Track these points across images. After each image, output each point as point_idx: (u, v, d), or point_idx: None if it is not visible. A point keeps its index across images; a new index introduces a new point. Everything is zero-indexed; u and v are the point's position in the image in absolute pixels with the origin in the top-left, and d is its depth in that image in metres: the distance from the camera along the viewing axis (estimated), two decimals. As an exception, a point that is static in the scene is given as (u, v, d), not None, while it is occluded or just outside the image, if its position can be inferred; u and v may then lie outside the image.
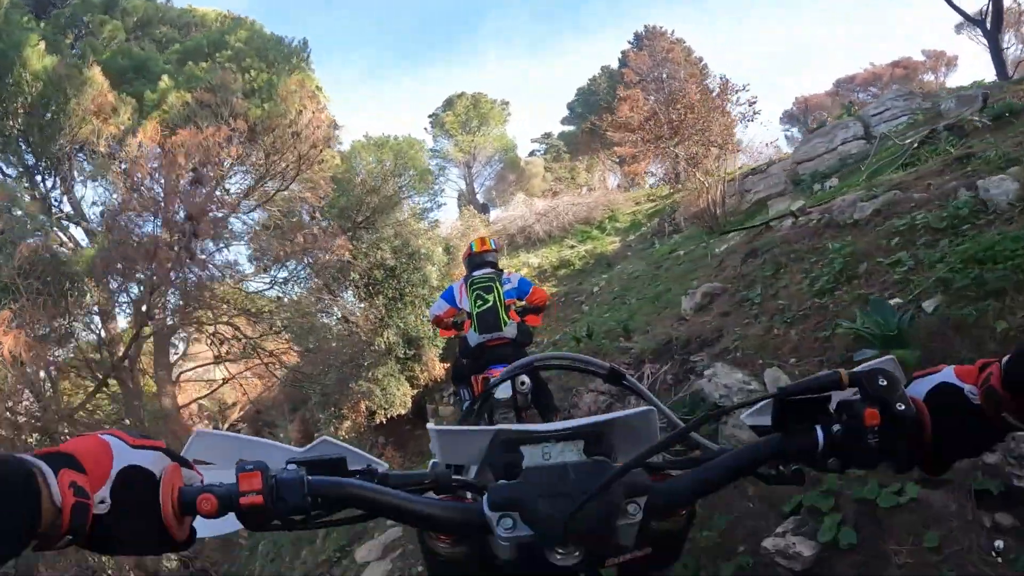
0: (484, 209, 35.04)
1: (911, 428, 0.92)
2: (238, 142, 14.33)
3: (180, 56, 16.55)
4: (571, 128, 46.58)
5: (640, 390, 1.32)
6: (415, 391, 21.65)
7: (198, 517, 0.88)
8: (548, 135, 48.34)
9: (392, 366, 21.09)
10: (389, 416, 21.31)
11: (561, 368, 1.48)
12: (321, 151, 15.14)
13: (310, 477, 0.91)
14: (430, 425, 1.08)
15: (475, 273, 6.17)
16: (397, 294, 21.29)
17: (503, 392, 5.32)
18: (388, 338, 20.91)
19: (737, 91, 17.14)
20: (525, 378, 5.22)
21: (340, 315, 20.82)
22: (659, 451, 0.94)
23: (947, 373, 0.98)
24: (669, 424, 1.22)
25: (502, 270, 6.36)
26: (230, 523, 0.90)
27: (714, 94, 17.29)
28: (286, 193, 17.33)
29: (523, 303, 6.24)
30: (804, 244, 7.67)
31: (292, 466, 0.93)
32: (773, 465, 1.02)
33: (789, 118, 52.44)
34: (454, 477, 1.04)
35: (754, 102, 17.14)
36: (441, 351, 21.88)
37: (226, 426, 29.29)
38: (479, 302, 5.91)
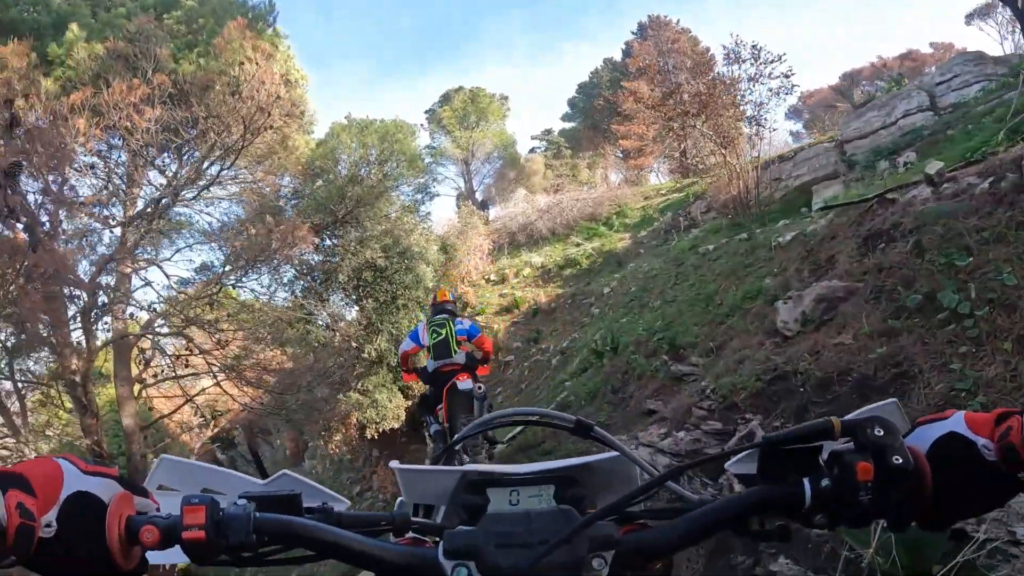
0: (483, 206, 33.01)
1: (908, 483, 0.81)
2: (159, 103, 12.04)
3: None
4: (572, 125, 44.86)
5: (612, 442, 1.11)
6: (409, 402, 19.64)
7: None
8: (548, 132, 46.57)
9: (384, 376, 19.13)
10: (381, 430, 19.32)
11: (526, 424, 1.40)
12: (270, 115, 12.75)
13: (258, 514, 0.85)
14: (394, 464, 1.07)
15: (435, 316, 7.78)
16: (389, 297, 19.31)
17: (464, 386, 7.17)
18: (379, 345, 18.94)
19: (771, 61, 15.08)
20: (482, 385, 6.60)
21: (327, 321, 18.62)
22: (628, 503, 0.89)
23: (957, 421, 0.86)
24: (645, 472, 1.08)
25: (456, 315, 7.96)
26: (178, 554, 0.84)
27: (744, 63, 15.27)
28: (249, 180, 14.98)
29: (471, 345, 7.57)
30: (993, 219, 5.31)
31: (242, 501, 0.86)
32: (757, 519, 0.91)
33: (794, 113, 50.73)
34: (413, 519, 0.98)
35: (791, 75, 15.09)
36: (438, 358, 19.84)
37: (212, 432, 27.48)
38: (434, 335, 7.47)
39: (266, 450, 31.97)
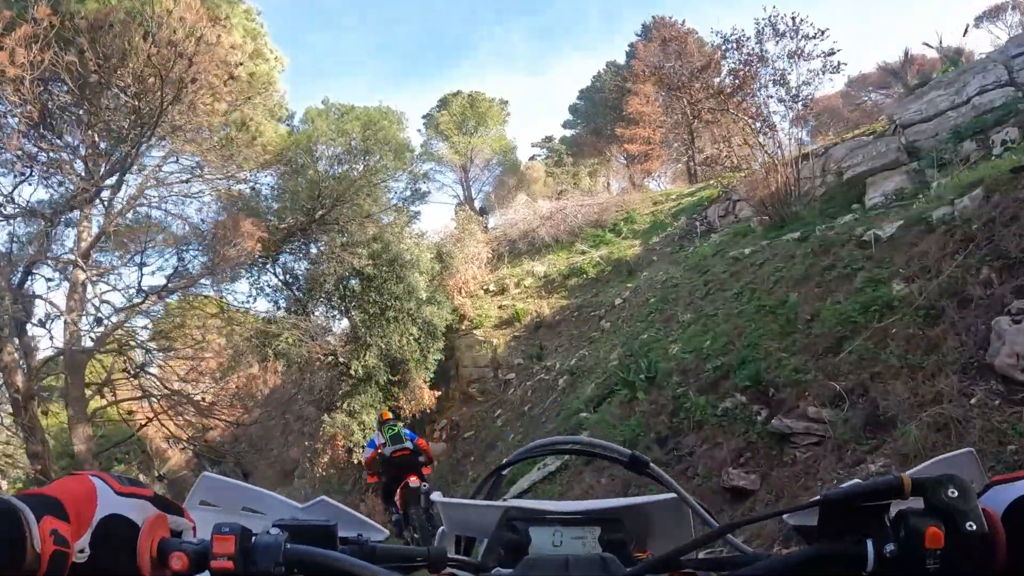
0: (482, 214, 30.98)
1: (981, 550, 0.73)
2: (42, 46, 9.69)
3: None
4: (573, 132, 42.94)
5: (667, 480, 1.06)
6: (400, 424, 17.55)
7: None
8: (549, 139, 44.73)
9: (373, 394, 17.16)
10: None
11: (578, 453, 1.27)
12: (192, 63, 10.33)
13: (289, 544, 0.81)
14: (436, 495, 1.05)
15: (384, 425, 9.87)
16: (378, 309, 17.31)
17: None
18: (367, 361, 16.92)
19: (813, 37, 13.05)
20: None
21: (307, 335, 16.56)
22: (681, 556, 0.81)
23: None
24: (699, 519, 1.05)
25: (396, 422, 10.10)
26: None
27: (782, 39, 13.17)
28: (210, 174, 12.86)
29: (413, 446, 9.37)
30: None
31: (275, 530, 0.83)
32: None
33: (799, 120, 48.67)
34: (449, 556, 0.93)
35: (833, 52, 13.09)
36: (432, 375, 17.82)
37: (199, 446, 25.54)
38: (389, 432, 9.55)
39: (259, 463, 30.20)
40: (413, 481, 8.87)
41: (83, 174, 11.77)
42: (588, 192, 31.46)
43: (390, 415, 10.56)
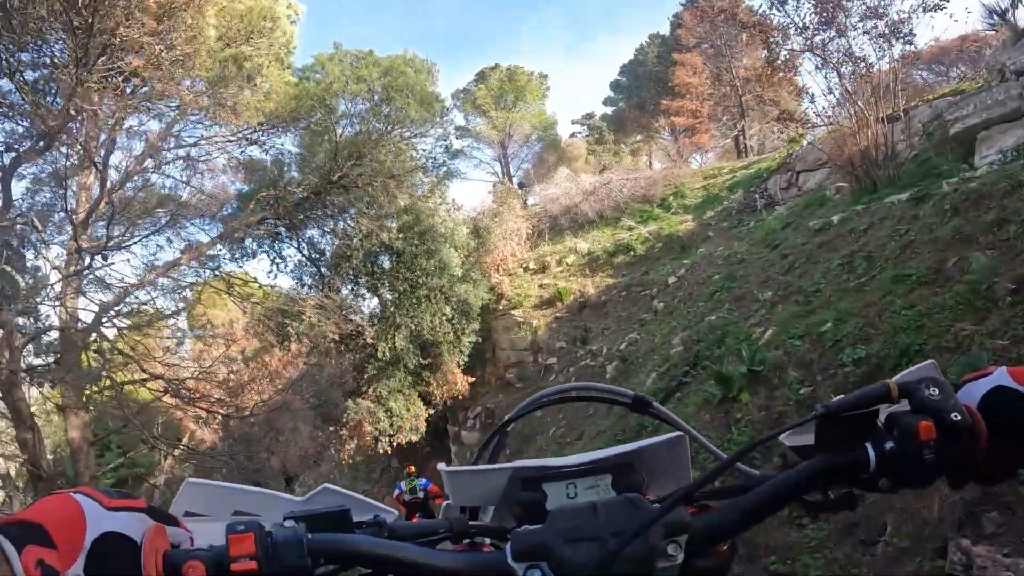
0: (521, 187, 29.08)
1: (966, 438, 0.80)
2: None
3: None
4: (615, 109, 40.76)
5: (670, 417, 1.07)
6: (431, 411, 15.91)
7: None
8: (590, 116, 42.50)
9: (401, 379, 15.45)
10: (395, 444, 15.63)
11: (580, 399, 1.17)
12: None
13: (310, 535, 0.76)
14: (441, 466, 0.97)
15: (409, 479, 12.12)
16: (407, 286, 15.55)
17: None
18: (396, 343, 15.21)
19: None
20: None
21: (332, 314, 14.87)
22: (703, 486, 0.83)
23: (1001, 375, 0.84)
24: (705, 451, 1.09)
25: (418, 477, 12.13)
26: None
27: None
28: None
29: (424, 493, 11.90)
30: None
31: (289, 522, 0.78)
32: (820, 490, 0.87)
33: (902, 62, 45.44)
34: (471, 523, 0.92)
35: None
36: (466, 358, 16.07)
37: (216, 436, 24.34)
38: (410, 484, 11.95)
39: (287, 449, 29.02)
40: (440, 466, 10.93)
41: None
42: (632, 169, 29.45)
43: (413, 469, 12.61)
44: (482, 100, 34.83)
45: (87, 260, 12.04)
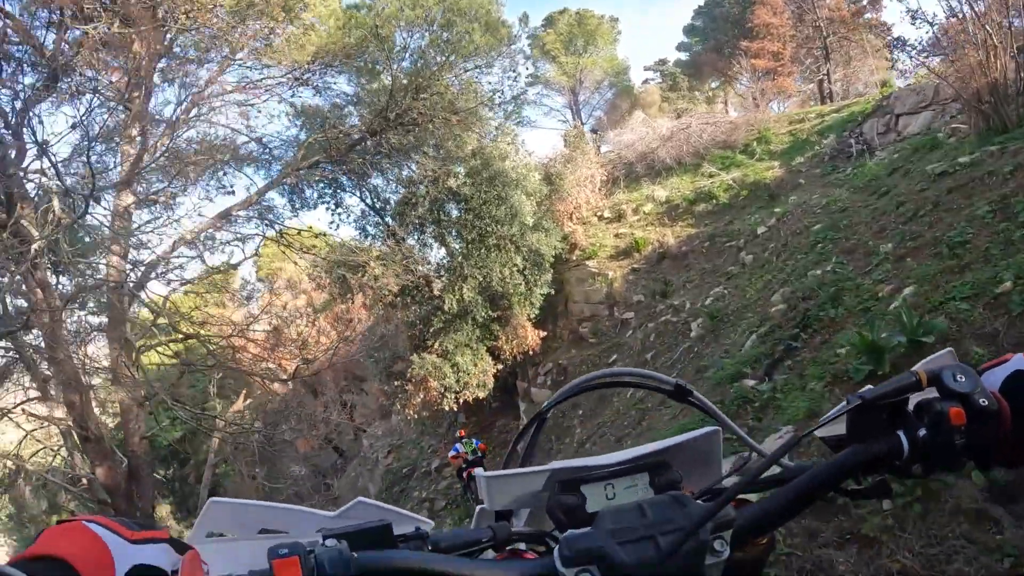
0: (594, 132, 27.48)
1: (994, 422, 0.83)
2: None
3: None
4: (688, 56, 38.55)
5: (710, 408, 1.08)
6: (499, 366, 14.91)
7: None
8: (663, 62, 40.49)
9: (468, 333, 14.45)
10: (462, 401, 14.72)
11: (618, 385, 1.18)
12: None
13: (355, 553, 0.73)
14: (478, 471, 0.96)
15: (463, 440, 13.38)
16: (476, 235, 14.46)
17: None
18: (464, 295, 14.19)
19: None
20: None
21: (397, 265, 13.90)
22: (750, 484, 0.82)
23: (1019, 360, 0.86)
24: (741, 442, 1.05)
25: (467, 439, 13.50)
26: None
27: None
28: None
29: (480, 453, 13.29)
30: None
31: (331, 541, 0.75)
32: (855, 479, 0.90)
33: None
34: (514, 531, 0.89)
35: None
36: (538, 311, 14.97)
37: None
38: (467, 447, 13.21)
39: (358, 400, 28.83)
40: (477, 471, 11.24)
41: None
42: (711, 113, 27.56)
43: (464, 433, 13.89)
44: (551, 45, 33.08)
45: (132, 215, 11.32)
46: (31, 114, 8.71)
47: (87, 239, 10.05)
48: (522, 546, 0.93)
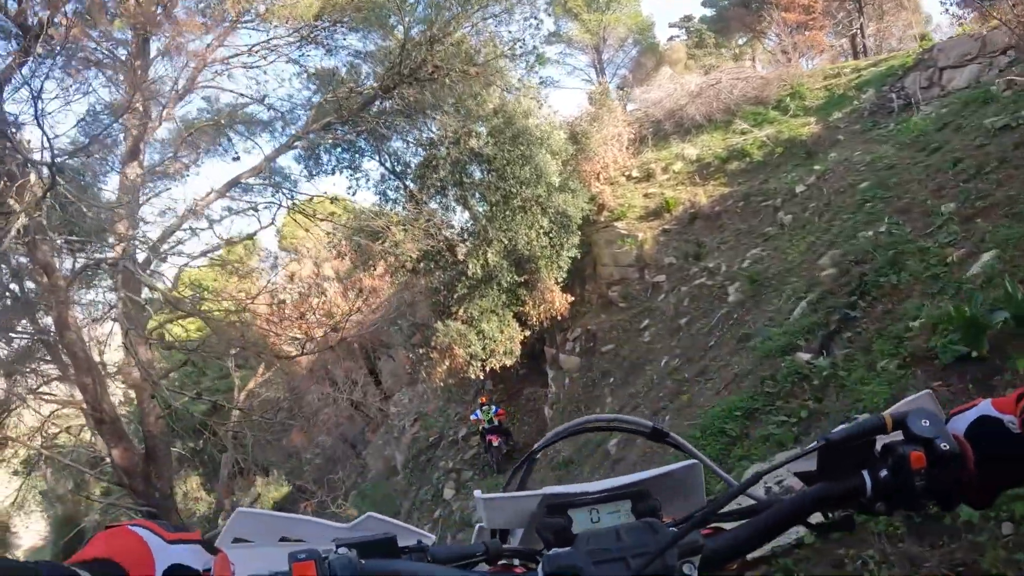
0: (620, 88, 26.49)
1: (955, 465, 0.86)
2: None
3: None
4: (715, 10, 37.09)
5: (685, 447, 1.15)
6: (526, 332, 14.29)
7: None
8: (688, 18, 39.04)
9: (495, 299, 13.81)
10: (488, 368, 14.16)
11: (601, 430, 1.28)
12: None
13: (363, 560, 0.81)
14: (477, 493, 1.01)
15: (483, 407, 14.61)
16: (500, 197, 13.76)
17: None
18: (488, 259, 13.53)
19: None
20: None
21: (419, 230, 13.27)
22: (715, 512, 0.90)
23: (985, 406, 0.91)
24: (716, 476, 1.18)
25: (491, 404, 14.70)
26: None
27: None
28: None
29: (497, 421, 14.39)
30: None
31: (343, 549, 0.82)
32: (822, 513, 0.95)
33: None
34: (505, 548, 0.96)
35: None
36: (565, 275, 14.30)
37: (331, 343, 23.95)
38: (486, 414, 14.32)
39: (385, 365, 28.47)
40: (495, 440, 14.40)
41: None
42: (741, 67, 26.39)
43: (485, 400, 14.91)
44: (573, 2, 31.77)
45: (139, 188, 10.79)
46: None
47: (89, 216, 9.47)
48: (516, 562, 0.96)
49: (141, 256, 10.72)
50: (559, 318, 14.43)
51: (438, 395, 19.51)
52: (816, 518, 0.93)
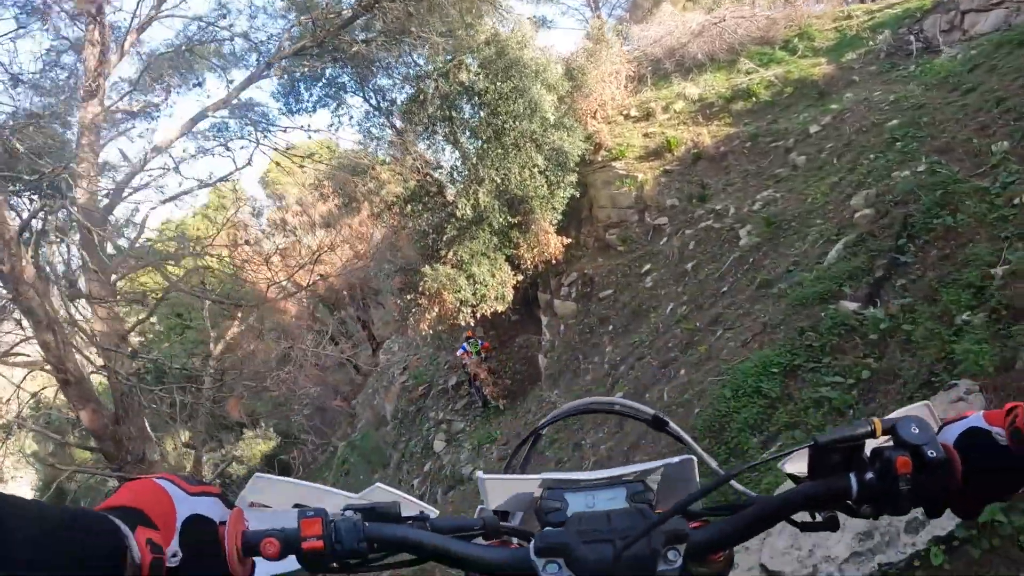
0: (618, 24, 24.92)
1: (942, 473, 0.86)
2: None
3: None
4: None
5: (683, 438, 1.18)
6: (519, 277, 13.26)
7: (258, 560, 0.85)
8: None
9: (485, 240, 12.74)
10: (479, 315, 13.16)
11: (603, 412, 1.29)
12: None
13: (367, 523, 0.88)
14: (479, 474, 1.06)
15: (469, 340, 14.18)
16: (492, 133, 12.56)
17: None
18: (479, 199, 12.42)
19: None
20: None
21: (404, 168, 12.13)
22: (698, 499, 0.90)
23: (976, 418, 0.90)
24: (711, 471, 1.14)
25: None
26: (286, 564, 0.86)
27: None
28: None
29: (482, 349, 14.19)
30: None
31: (349, 512, 0.89)
32: (809, 512, 0.95)
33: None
34: (502, 524, 1.00)
35: None
36: (560, 216, 13.23)
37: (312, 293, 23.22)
38: (474, 347, 13.96)
39: (375, 314, 27.53)
40: (482, 373, 13.97)
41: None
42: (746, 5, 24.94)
43: (472, 333, 14.18)
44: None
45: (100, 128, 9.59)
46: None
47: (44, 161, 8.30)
48: (514, 541, 0.99)
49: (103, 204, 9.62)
50: (554, 262, 13.39)
51: (428, 343, 18.59)
52: (803, 517, 0.92)
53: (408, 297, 14.39)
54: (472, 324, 13.65)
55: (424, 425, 15.30)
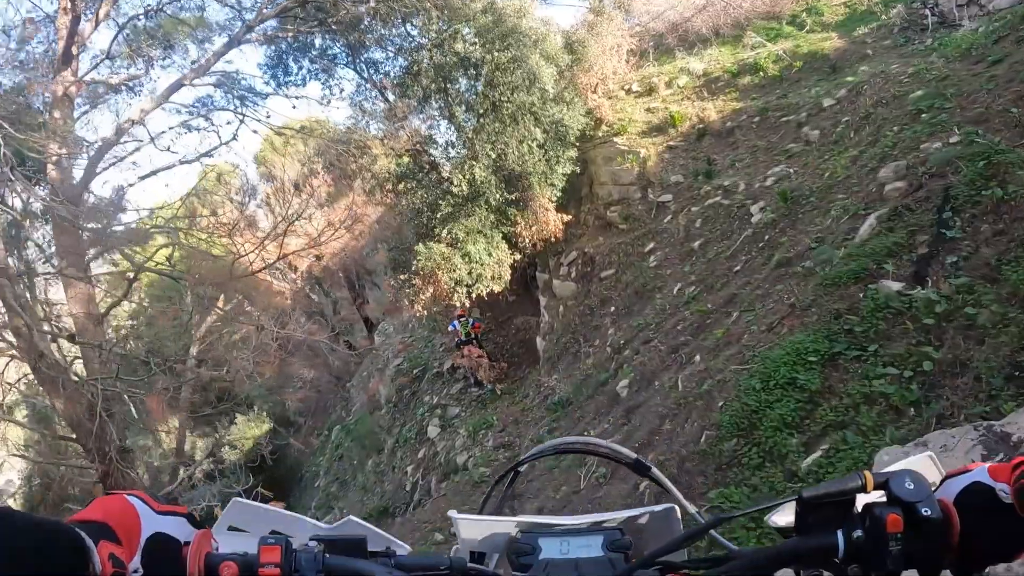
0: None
1: (937, 533, 0.79)
2: None
3: None
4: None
5: (665, 484, 1.15)
6: (517, 256, 12.58)
7: None
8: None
9: (481, 218, 12.07)
10: (475, 295, 12.51)
11: (586, 453, 1.27)
12: None
13: (328, 555, 0.85)
14: (452, 513, 1.04)
15: (460, 319, 13.55)
16: (489, 106, 11.86)
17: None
18: (474, 174, 11.71)
19: None
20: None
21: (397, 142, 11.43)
22: (673, 550, 0.88)
23: (981, 472, 0.82)
24: (693, 520, 1.08)
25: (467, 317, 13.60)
26: None
27: None
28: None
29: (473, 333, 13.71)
30: None
31: (312, 543, 0.87)
32: (793, 569, 0.89)
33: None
34: (470, 565, 0.95)
35: None
36: (560, 193, 12.54)
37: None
38: (464, 327, 13.44)
39: (370, 294, 26.79)
40: (473, 353, 13.47)
41: None
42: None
43: (464, 311, 13.44)
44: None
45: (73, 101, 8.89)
46: None
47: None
48: None
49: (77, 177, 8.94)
50: (553, 240, 12.71)
51: (423, 324, 17.95)
52: (787, 574, 0.87)
53: (401, 277, 13.73)
54: (467, 305, 13.01)
55: (418, 410, 14.70)
